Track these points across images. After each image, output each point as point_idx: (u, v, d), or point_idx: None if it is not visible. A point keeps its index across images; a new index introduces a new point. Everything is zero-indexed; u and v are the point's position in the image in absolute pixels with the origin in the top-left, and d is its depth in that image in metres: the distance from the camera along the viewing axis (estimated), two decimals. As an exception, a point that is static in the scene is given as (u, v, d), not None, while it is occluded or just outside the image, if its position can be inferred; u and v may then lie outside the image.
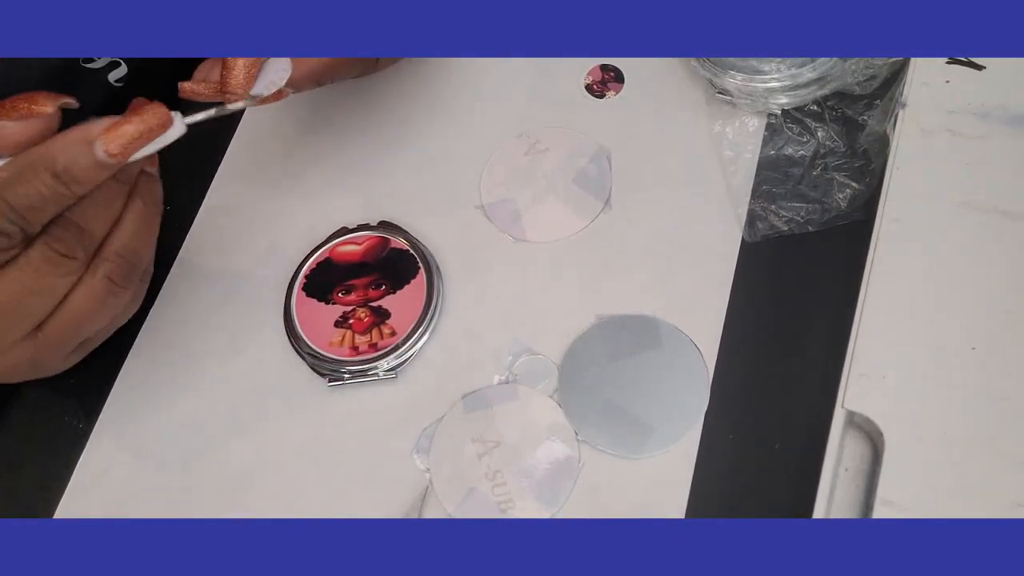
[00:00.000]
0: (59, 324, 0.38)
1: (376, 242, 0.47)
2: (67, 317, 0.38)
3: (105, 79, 0.47)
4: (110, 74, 0.47)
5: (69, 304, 0.37)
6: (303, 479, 0.43)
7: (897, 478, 0.35)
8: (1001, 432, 0.35)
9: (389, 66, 0.46)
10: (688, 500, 0.39)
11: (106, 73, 0.47)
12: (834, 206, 0.43)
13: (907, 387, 0.36)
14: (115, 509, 0.44)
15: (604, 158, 0.47)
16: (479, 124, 0.50)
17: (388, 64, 0.45)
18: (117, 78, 0.48)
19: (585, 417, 0.41)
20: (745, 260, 0.43)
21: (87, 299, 0.37)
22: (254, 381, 0.45)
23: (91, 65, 0.46)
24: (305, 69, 0.38)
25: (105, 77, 0.47)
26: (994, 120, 0.40)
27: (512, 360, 0.43)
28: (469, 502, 0.41)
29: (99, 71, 0.47)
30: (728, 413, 0.41)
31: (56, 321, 0.37)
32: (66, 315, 0.37)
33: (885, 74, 0.44)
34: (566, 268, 0.45)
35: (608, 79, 0.50)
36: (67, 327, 0.38)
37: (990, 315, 0.37)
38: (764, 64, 0.44)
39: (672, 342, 0.42)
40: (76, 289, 0.37)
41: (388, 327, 0.44)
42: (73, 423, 0.46)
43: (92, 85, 0.47)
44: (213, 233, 0.49)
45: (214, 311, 0.48)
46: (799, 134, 0.45)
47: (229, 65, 0.37)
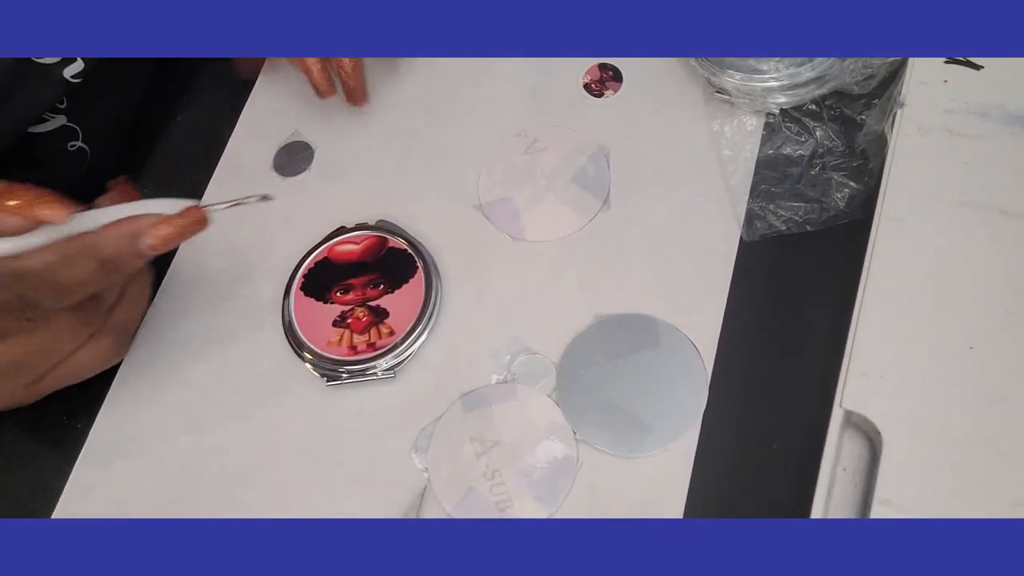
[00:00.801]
0: (57, 378, 0.42)
1: (374, 241, 0.47)
2: (67, 372, 0.42)
3: (60, 75, 0.47)
4: (65, 70, 0.47)
5: (71, 362, 0.41)
6: (302, 479, 0.43)
7: (895, 477, 0.35)
8: (999, 432, 0.35)
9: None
10: (686, 499, 0.39)
11: (60, 69, 0.47)
12: (832, 205, 0.43)
13: (905, 387, 0.36)
14: (114, 509, 0.44)
15: (603, 157, 0.47)
16: (478, 123, 0.50)
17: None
18: (73, 74, 0.47)
19: (583, 416, 0.41)
20: (743, 259, 0.43)
21: (91, 359, 0.42)
22: (252, 381, 0.45)
23: (44, 61, 0.46)
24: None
25: (60, 73, 0.47)
26: (992, 119, 0.40)
27: (511, 359, 0.43)
28: (467, 501, 0.41)
29: (52, 66, 0.46)
30: (726, 412, 0.41)
31: (55, 375, 0.42)
32: (66, 371, 0.42)
33: (883, 73, 0.44)
34: (565, 267, 0.45)
35: (607, 78, 0.50)
36: (63, 380, 0.42)
37: (988, 315, 0.37)
38: (762, 63, 0.44)
39: (670, 341, 0.42)
40: (82, 350, 0.41)
41: (386, 326, 0.44)
42: (73, 423, 0.46)
43: (46, 81, 0.46)
44: (211, 232, 0.49)
45: (212, 311, 0.48)
46: (797, 133, 0.45)
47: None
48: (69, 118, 0.51)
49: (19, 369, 0.39)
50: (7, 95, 0.45)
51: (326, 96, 0.49)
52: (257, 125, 0.52)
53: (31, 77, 0.46)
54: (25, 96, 0.46)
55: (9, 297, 0.36)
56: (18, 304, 0.36)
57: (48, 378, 0.41)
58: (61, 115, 0.50)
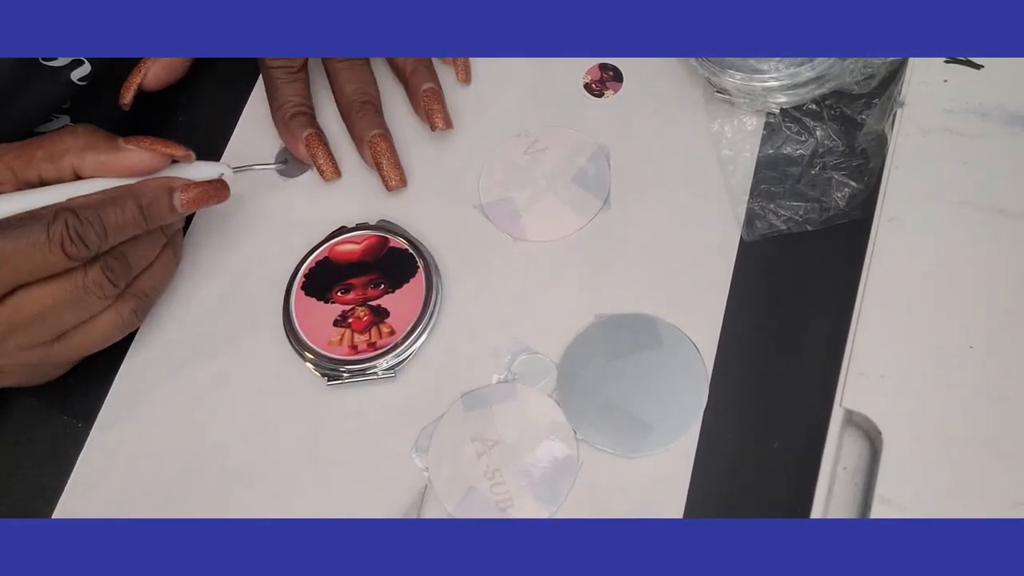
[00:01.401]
0: (77, 340, 0.42)
1: (375, 241, 0.47)
2: (86, 336, 0.42)
3: (68, 78, 0.47)
4: (72, 72, 0.47)
5: (93, 325, 0.42)
6: (302, 478, 0.43)
7: (895, 477, 0.35)
8: (999, 431, 0.35)
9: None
10: (687, 499, 0.39)
11: (68, 72, 0.47)
12: (832, 205, 0.43)
13: (905, 386, 0.36)
14: (114, 509, 0.44)
15: (603, 157, 0.47)
16: (478, 123, 0.50)
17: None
18: (80, 76, 0.48)
19: (584, 416, 0.41)
20: (744, 259, 0.43)
21: (110, 325, 0.43)
22: (253, 380, 0.45)
23: (51, 63, 0.46)
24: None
25: (67, 76, 0.47)
26: (992, 119, 0.40)
27: (511, 359, 0.43)
28: (468, 501, 0.41)
29: (60, 69, 0.47)
30: (727, 412, 0.41)
31: (75, 337, 0.42)
32: (86, 334, 0.42)
33: (883, 73, 0.44)
34: (565, 267, 0.45)
35: (607, 78, 0.50)
36: (82, 344, 0.42)
37: (989, 314, 0.37)
38: (763, 63, 0.44)
39: (671, 341, 0.42)
40: (104, 314, 0.42)
41: (387, 326, 0.45)
42: (72, 423, 0.46)
43: (53, 84, 0.47)
44: (212, 232, 0.49)
45: (213, 310, 0.48)
46: (798, 133, 0.45)
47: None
48: (73, 119, 0.51)
49: (42, 321, 0.40)
50: (15, 96, 0.46)
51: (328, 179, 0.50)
52: (258, 126, 0.52)
53: (39, 79, 0.46)
54: (32, 98, 0.47)
55: (61, 229, 0.38)
56: (69, 235, 0.38)
57: (67, 340, 0.42)
58: (65, 115, 0.51)
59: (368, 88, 0.50)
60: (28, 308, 0.39)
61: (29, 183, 0.41)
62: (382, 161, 0.48)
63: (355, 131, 0.49)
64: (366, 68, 0.51)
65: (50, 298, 0.40)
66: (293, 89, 0.50)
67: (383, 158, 0.48)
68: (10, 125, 0.46)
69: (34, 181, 0.41)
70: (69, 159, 0.41)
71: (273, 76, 0.50)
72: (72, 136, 0.41)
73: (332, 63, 0.51)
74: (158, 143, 0.42)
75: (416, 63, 0.50)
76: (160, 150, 0.42)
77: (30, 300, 0.39)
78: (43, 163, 0.41)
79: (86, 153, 0.41)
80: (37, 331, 0.41)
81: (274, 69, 0.50)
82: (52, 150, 0.41)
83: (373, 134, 0.48)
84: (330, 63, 0.51)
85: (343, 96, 0.50)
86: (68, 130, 0.42)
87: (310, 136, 0.49)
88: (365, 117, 0.49)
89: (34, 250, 0.38)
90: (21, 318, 0.39)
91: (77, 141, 0.41)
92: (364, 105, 0.49)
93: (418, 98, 0.49)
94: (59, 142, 0.41)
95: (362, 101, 0.49)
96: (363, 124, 0.49)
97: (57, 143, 0.41)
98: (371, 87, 0.50)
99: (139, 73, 0.50)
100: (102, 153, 0.41)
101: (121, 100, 0.50)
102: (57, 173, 0.41)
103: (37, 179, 0.41)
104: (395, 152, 0.48)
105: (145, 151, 0.42)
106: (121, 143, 0.42)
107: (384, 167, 0.48)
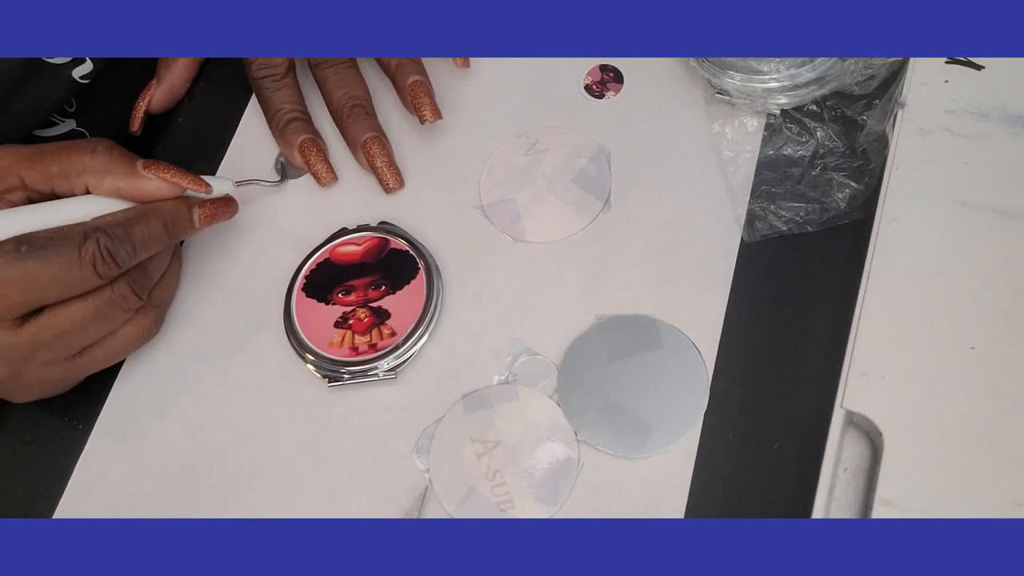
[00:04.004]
0: (99, 354, 0.43)
1: (376, 242, 0.47)
2: (108, 349, 0.43)
3: (69, 75, 0.47)
4: (74, 70, 0.47)
5: (115, 338, 0.43)
6: (303, 479, 0.43)
7: (896, 477, 0.35)
8: (1000, 432, 0.35)
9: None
10: (688, 500, 0.39)
11: (70, 70, 0.47)
12: (833, 206, 0.43)
13: (906, 387, 0.36)
14: (115, 509, 0.44)
15: (603, 158, 0.47)
16: (478, 124, 0.50)
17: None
18: (82, 75, 0.48)
19: (585, 417, 0.41)
20: (744, 260, 0.43)
21: (132, 336, 0.43)
22: (254, 381, 0.45)
23: (53, 61, 0.46)
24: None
25: (69, 73, 0.47)
26: (993, 120, 0.40)
27: (512, 360, 0.43)
28: (469, 502, 0.41)
29: (62, 67, 0.47)
30: (727, 413, 0.41)
31: (97, 351, 0.42)
32: (108, 347, 0.43)
33: (884, 74, 0.44)
34: (566, 268, 0.45)
35: (607, 79, 0.50)
36: (104, 357, 0.43)
37: (989, 314, 0.37)
38: (763, 64, 0.44)
39: (671, 342, 0.42)
40: (126, 327, 0.43)
41: (388, 327, 0.45)
42: (73, 423, 0.46)
43: (54, 81, 0.47)
44: (213, 233, 0.49)
45: (214, 311, 0.48)
46: (798, 134, 0.45)
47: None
48: (79, 122, 0.51)
49: (69, 336, 0.40)
50: (16, 93, 0.46)
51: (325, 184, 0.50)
52: (259, 126, 0.52)
53: (41, 76, 0.46)
54: (34, 95, 0.47)
55: (93, 249, 0.39)
56: (101, 254, 0.39)
57: (91, 353, 0.42)
58: (71, 119, 0.51)
59: (356, 91, 0.50)
60: (56, 326, 0.40)
61: (40, 193, 0.41)
62: (378, 164, 0.48)
63: (348, 136, 0.49)
64: (353, 71, 0.51)
65: (78, 315, 0.40)
66: (283, 96, 0.50)
67: (378, 161, 0.48)
68: (12, 122, 0.46)
69: (46, 194, 0.41)
70: (85, 179, 0.41)
71: (260, 86, 0.50)
72: (91, 157, 0.41)
73: (319, 69, 0.51)
74: (178, 175, 0.42)
75: (402, 58, 0.49)
76: (180, 183, 0.42)
77: (57, 319, 0.39)
78: (58, 179, 0.41)
79: (104, 177, 0.41)
80: (62, 347, 0.41)
81: (260, 80, 0.50)
82: (69, 168, 0.41)
83: (366, 138, 0.48)
84: (317, 69, 0.51)
85: (333, 102, 0.50)
86: (87, 147, 0.41)
87: (304, 142, 0.49)
88: (356, 121, 0.49)
89: (65, 270, 0.38)
90: (48, 336, 0.40)
91: (96, 163, 0.41)
92: (354, 109, 0.49)
93: (405, 92, 0.48)
94: (77, 161, 0.41)
95: (352, 105, 0.49)
96: (355, 129, 0.49)
97: (75, 162, 0.41)
98: (359, 89, 0.50)
99: (144, 99, 0.52)
100: (120, 179, 0.41)
101: (131, 127, 0.52)
102: (70, 189, 0.41)
103: (50, 192, 0.41)
104: (390, 154, 0.48)
105: (165, 183, 0.42)
106: (140, 169, 0.41)
107: (380, 170, 0.48)
